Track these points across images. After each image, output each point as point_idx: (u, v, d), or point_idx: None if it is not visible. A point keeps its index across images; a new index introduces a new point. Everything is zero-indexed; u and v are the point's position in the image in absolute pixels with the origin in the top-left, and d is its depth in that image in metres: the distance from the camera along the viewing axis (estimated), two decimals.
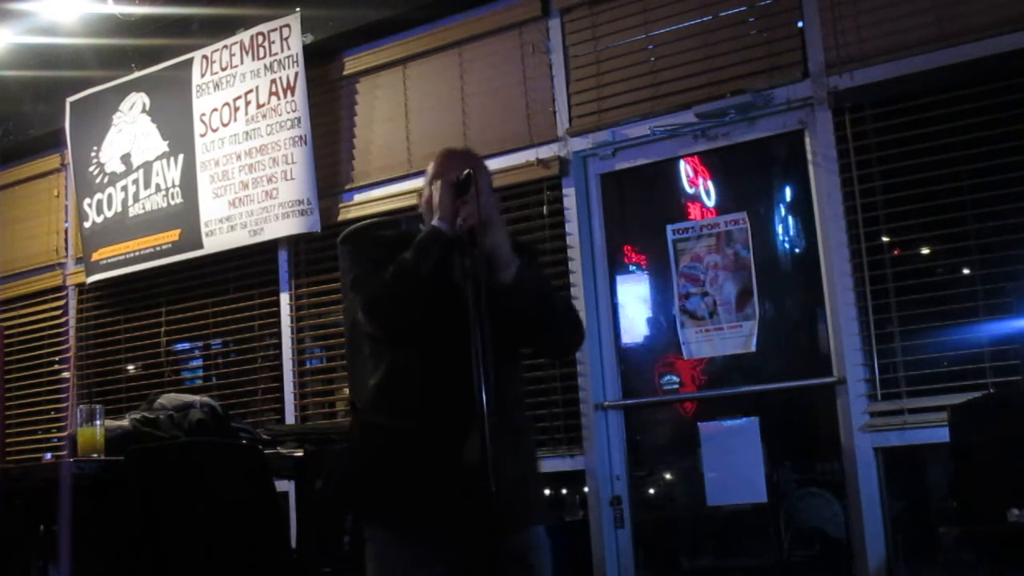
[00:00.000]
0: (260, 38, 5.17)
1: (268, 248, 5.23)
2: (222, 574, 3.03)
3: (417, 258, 2.29)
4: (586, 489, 4.36)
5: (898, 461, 3.82)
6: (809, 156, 4.06)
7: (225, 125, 5.30)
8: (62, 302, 6.08)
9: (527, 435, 2.55)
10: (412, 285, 2.29)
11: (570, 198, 4.49)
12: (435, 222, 2.33)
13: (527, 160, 4.57)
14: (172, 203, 5.48)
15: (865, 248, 3.86)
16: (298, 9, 5.04)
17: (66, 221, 6.15)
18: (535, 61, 4.64)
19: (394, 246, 2.37)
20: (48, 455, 5.87)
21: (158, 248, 5.51)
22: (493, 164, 2.43)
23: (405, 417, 2.34)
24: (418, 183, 2.95)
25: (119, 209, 5.71)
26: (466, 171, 2.32)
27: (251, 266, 5.37)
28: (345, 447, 2.49)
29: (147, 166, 5.60)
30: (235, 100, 5.26)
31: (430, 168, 2.52)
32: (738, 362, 4.23)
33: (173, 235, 5.46)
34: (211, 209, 5.30)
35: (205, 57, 5.39)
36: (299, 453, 3.49)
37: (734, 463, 4.03)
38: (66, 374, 5.99)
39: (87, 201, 5.85)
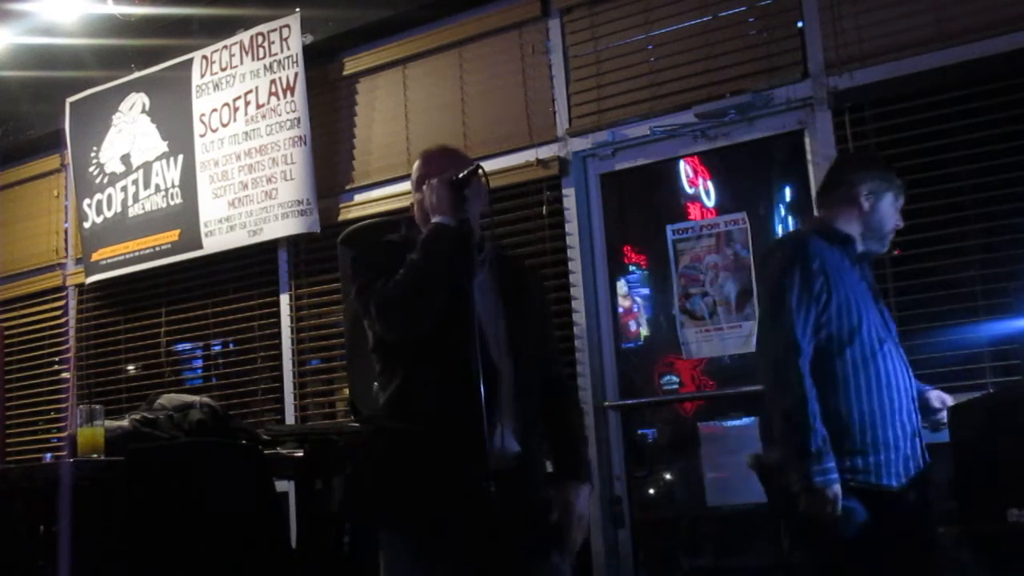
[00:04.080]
0: (260, 38, 5.17)
1: (268, 248, 5.23)
2: (222, 574, 3.03)
3: (425, 257, 2.25)
4: None
5: None
6: (809, 156, 4.05)
7: (225, 125, 5.30)
8: (62, 302, 6.08)
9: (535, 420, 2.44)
10: (424, 285, 2.24)
11: (570, 198, 4.48)
12: (437, 219, 2.29)
13: (527, 160, 4.56)
14: (172, 203, 5.48)
15: None
16: (298, 9, 5.04)
17: (66, 221, 6.15)
18: (535, 61, 4.64)
19: (398, 251, 2.33)
20: (48, 455, 5.88)
21: (158, 248, 5.51)
22: (493, 164, 2.42)
23: (421, 421, 2.28)
24: None
25: (119, 209, 5.71)
26: (468, 168, 2.31)
27: (251, 266, 5.37)
28: (357, 454, 2.45)
29: (147, 166, 5.60)
30: (235, 100, 5.26)
31: (416, 171, 2.47)
32: (738, 362, 4.23)
33: (173, 235, 5.46)
34: (211, 209, 5.31)
35: (205, 57, 5.39)
36: (299, 453, 3.48)
37: (734, 463, 4.03)
38: (66, 374, 5.99)
39: (87, 201, 5.85)
